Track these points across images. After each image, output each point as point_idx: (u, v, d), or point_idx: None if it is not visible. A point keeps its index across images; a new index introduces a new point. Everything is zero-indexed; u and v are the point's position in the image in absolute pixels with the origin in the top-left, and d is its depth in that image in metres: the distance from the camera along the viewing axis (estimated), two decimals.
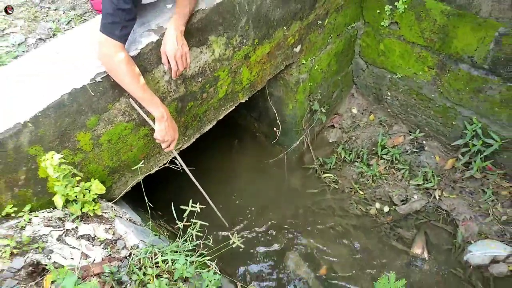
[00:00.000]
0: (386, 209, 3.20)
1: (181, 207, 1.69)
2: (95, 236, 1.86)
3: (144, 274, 1.70)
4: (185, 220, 1.79)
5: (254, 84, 2.51)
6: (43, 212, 1.82)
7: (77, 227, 1.83)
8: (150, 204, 1.94)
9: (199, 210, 1.71)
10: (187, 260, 1.73)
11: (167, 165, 2.28)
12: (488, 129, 2.88)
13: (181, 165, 1.99)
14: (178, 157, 1.97)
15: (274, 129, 3.34)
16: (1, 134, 1.53)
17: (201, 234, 1.75)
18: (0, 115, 1.57)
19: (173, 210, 1.74)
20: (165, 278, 1.73)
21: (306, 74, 2.89)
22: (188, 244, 1.77)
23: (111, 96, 1.77)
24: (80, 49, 1.79)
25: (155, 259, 1.78)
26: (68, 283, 1.37)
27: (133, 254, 1.81)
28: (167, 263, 1.76)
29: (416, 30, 2.76)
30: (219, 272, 1.72)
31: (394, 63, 3.11)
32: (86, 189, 1.81)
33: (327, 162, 3.48)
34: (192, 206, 1.71)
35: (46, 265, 1.63)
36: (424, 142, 3.42)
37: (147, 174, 2.23)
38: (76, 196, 1.75)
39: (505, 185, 3.02)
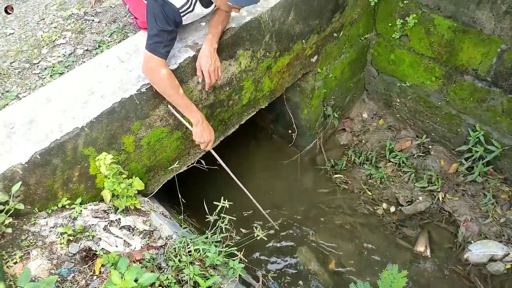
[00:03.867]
0: (392, 209, 3.42)
1: (214, 203, 1.93)
2: (135, 227, 2.11)
3: (180, 261, 1.95)
4: (215, 214, 2.04)
5: (274, 92, 2.74)
6: (90, 205, 2.08)
7: (119, 219, 2.09)
8: (183, 200, 2.19)
9: (227, 207, 1.96)
10: (217, 249, 1.97)
11: (194, 164, 2.53)
12: (490, 136, 3.08)
13: (220, 163, 2.23)
14: (216, 155, 2.21)
15: (290, 131, 3.57)
16: (63, 137, 1.78)
17: (229, 227, 1.99)
18: (62, 119, 1.82)
19: (205, 205, 1.98)
20: (197, 265, 1.98)
21: (321, 82, 3.11)
22: (217, 236, 2.02)
23: (152, 104, 2.01)
24: (126, 63, 2.04)
25: (188, 248, 2.02)
26: (122, 265, 1.62)
27: (169, 244, 2.06)
28: (199, 252, 2.01)
29: (425, 43, 2.97)
30: (245, 260, 1.96)
31: (403, 72, 3.32)
32: (128, 185, 2.06)
33: (338, 163, 3.70)
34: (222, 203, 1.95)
35: (96, 251, 1.89)
36: (430, 146, 3.62)
37: (178, 172, 2.47)
38: (120, 191, 2.00)
39: (505, 189, 3.22)
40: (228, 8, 1.84)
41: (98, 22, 2.52)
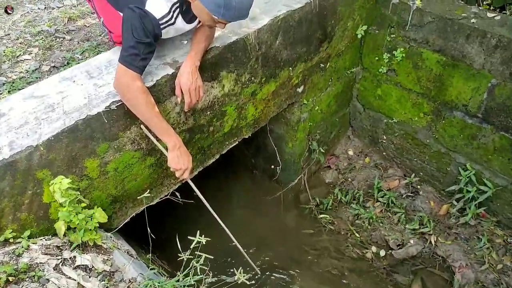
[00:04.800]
0: (382, 253, 3.18)
1: (189, 238, 1.66)
2: (93, 267, 1.80)
3: None
4: (188, 252, 1.76)
5: (258, 121, 2.56)
6: (41, 239, 1.77)
7: (74, 257, 1.77)
8: (152, 236, 1.90)
9: (204, 243, 1.69)
10: None
11: (168, 197, 2.27)
12: (481, 176, 2.95)
13: (197, 194, 1.98)
14: (193, 186, 1.96)
15: (272, 166, 3.37)
16: (12, 156, 1.52)
17: (205, 268, 1.71)
18: (14, 136, 1.57)
19: (178, 242, 1.71)
20: None
21: (307, 114, 2.97)
22: (190, 279, 1.72)
23: (123, 124, 1.79)
24: (96, 78, 1.83)
25: None
26: None
27: None
28: None
29: (413, 78, 2.90)
30: None
31: (390, 107, 3.23)
32: (88, 216, 1.77)
33: (324, 202, 3.49)
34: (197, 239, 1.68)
35: None
36: (418, 186, 3.47)
37: (148, 205, 2.20)
38: (78, 223, 1.71)
39: (499, 232, 3.05)
40: (212, 22, 1.69)
41: (70, 39, 2.33)
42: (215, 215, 2.10)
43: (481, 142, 2.81)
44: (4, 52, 2.19)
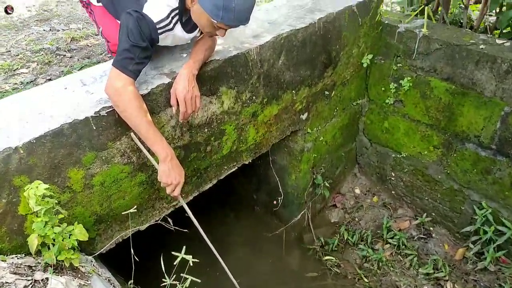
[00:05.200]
0: None
1: (173, 253, 1.47)
2: None
3: None
4: (172, 277, 1.55)
5: (259, 146, 2.44)
6: (13, 258, 1.58)
7: (47, 279, 1.57)
8: (136, 259, 1.70)
9: (191, 264, 1.49)
10: None
11: (159, 222, 2.09)
12: (499, 215, 2.74)
13: (188, 214, 1.81)
14: (185, 205, 1.80)
15: (275, 202, 3.19)
16: None
17: None
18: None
19: (162, 262, 1.51)
20: None
21: (311, 144, 2.84)
22: None
23: (113, 134, 1.67)
24: (88, 86, 1.76)
25: None
26: None
27: None
28: None
29: (421, 108, 2.81)
30: None
31: (398, 141, 3.10)
32: (66, 233, 1.59)
33: (329, 243, 3.24)
34: (186, 260, 1.48)
35: None
36: (431, 228, 3.23)
37: (137, 229, 2.01)
38: (54, 239, 1.53)
39: None
40: (212, 29, 1.64)
41: (70, 57, 2.31)
42: (211, 245, 1.91)
43: (497, 176, 2.64)
44: (1, 66, 2.15)
